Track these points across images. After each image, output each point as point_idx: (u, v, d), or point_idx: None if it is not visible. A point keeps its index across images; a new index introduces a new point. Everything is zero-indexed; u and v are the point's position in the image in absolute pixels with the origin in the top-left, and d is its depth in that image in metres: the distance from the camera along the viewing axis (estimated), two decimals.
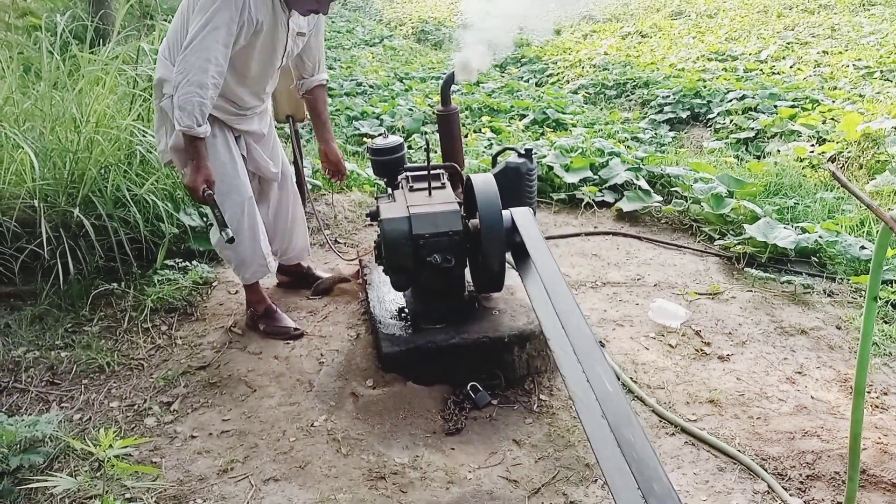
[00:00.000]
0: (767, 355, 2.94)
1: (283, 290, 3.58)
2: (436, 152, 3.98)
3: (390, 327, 2.87)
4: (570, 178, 4.58)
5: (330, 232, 4.30)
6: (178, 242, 3.84)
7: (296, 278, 3.60)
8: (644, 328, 3.15)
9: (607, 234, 4.15)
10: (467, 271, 2.94)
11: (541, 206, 4.58)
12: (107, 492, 2.31)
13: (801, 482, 2.26)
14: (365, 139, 6.74)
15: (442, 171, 3.20)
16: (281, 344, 3.08)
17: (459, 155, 3.41)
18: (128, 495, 2.29)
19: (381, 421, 2.58)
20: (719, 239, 3.94)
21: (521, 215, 2.89)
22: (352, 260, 3.68)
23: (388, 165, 3.25)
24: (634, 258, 3.84)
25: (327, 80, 3.28)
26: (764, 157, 6.37)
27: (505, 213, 2.82)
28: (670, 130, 7.90)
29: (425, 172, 3.12)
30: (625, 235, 4.11)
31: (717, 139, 7.33)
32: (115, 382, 2.92)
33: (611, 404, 2.02)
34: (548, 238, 4.08)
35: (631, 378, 2.79)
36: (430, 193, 2.94)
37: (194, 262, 3.69)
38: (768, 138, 6.91)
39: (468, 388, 2.70)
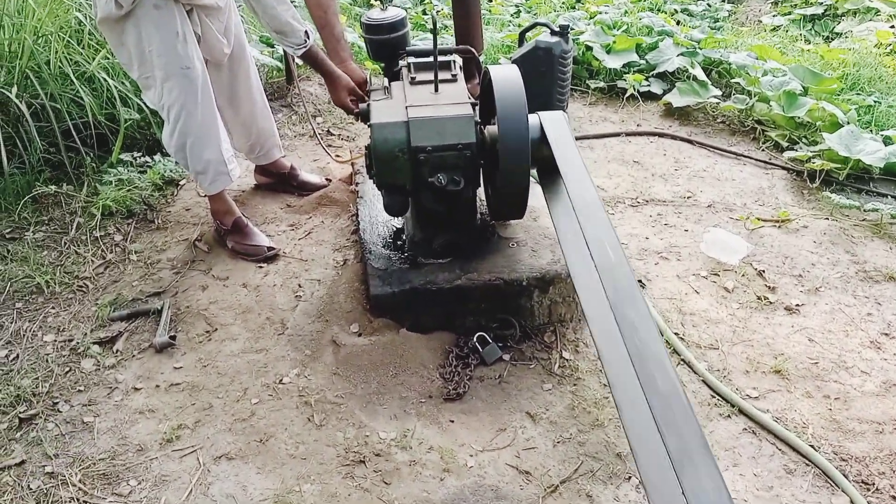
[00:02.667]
0: (847, 308, 2.38)
1: (262, 194, 3.01)
2: (445, 32, 3.23)
3: (382, 259, 2.32)
4: (612, 63, 3.82)
5: (321, 121, 3.65)
6: (138, 130, 3.23)
7: (277, 180, 3.01)
8: (694, 264, 2.58)
9: (653, 134, 3.47)
10: (480, 191, 2.34)
11: (574, 95, 3.86)
12: (25, 461, 1.89)
13: None
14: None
15: (453, 57, 2.51)
16: (252, 267, 2.56)
17: (477, 37, 2.70)
18: (49, 468, 1.86)
19: (366, 379, 2.09)
20: (789, 149, 3.25)
21: (552, 122, 2.24)
22: (345, 161, 3.06)
23: (386, 46, 2.55)
24: (685, 168, 3.19)
25: None
26: (833, 39, 5.47)
27: (532, 118, 2.18)
28: (725, 0, 6.87)
29: (432, 59, 2.45)
30: (673, 137, 3.43)
31: (778, 13, 6.34)
32: (53, 308, 2.44)
33: (651, 372, 1.54)
34: (581, 138, 3.42)
35: (676, 333, 2.26)
36: (436, 89, 2.28)
37: (157, 157, 3.10)
38: (840, 16, 5.93)
39: (475, 338, 2.19)
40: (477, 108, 2.23)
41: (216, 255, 2.64)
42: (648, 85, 3.79)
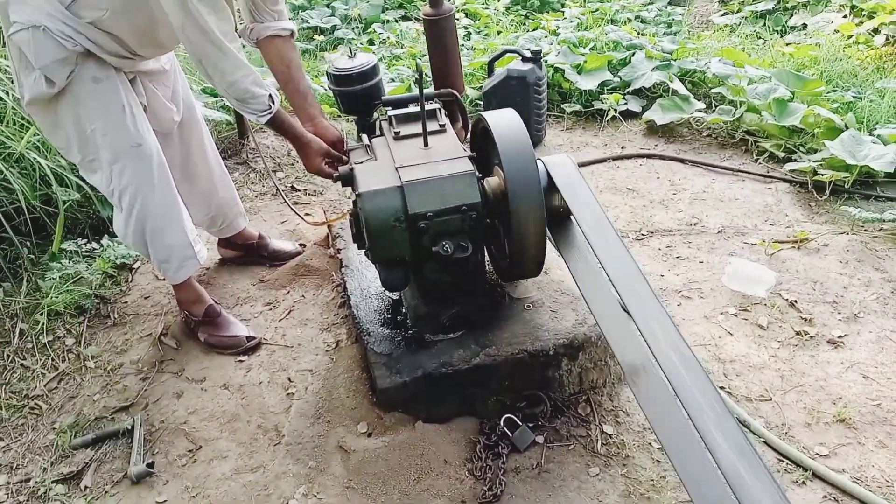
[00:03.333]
0: (893, 334, 2.19)
1: (229, 269, 2.69)
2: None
3: (384, 341, 2.03)
4: (586, 83, 3.62)
5: (283, 176, 3.34)
6: (79, 211, 2.87)
7: (244, 252, 2.70)
8: (720, 300, 2.36)
9: (640, 156, 3.27)
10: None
11: (549, 121, 3.65)
12: None
13: None
14: (316, 37, 5.58)
15: (434, 102, 2.26)
16: (231, 362, 2.23)
17: (458, 76, 2.45)
18: None
19: (385, 490, 1.79)
20: (787, 159, 3.09)
21: (557, 166, 2.01)
22: (319, 223, 2.76)
23: (358, 98, 2.28)
24: (682, 190, 2.99)
25: (294, 32, 2.24)
26: (787, 33, 5.42)
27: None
28: (669, 4, 6.81)
29: (414, 109, 2.18)
30: (662, 158, 3.24)
31: (727, 11, 6.30)
32: (1, 439, 2.07)
33: (714, 438, 1.34)
34: None
35: (722, 387, 2.03)
36: (425, 143, 2.01)
37: (105, 240, 2.75)
38: (790, 9, 5.90)
39: (502, 422, 1.92)
40: (473, 160, 1.97)
41: (187, 351, 2.31)
42: (626, 103, 3.61)
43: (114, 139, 2.00)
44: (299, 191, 3.24)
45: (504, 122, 1.93)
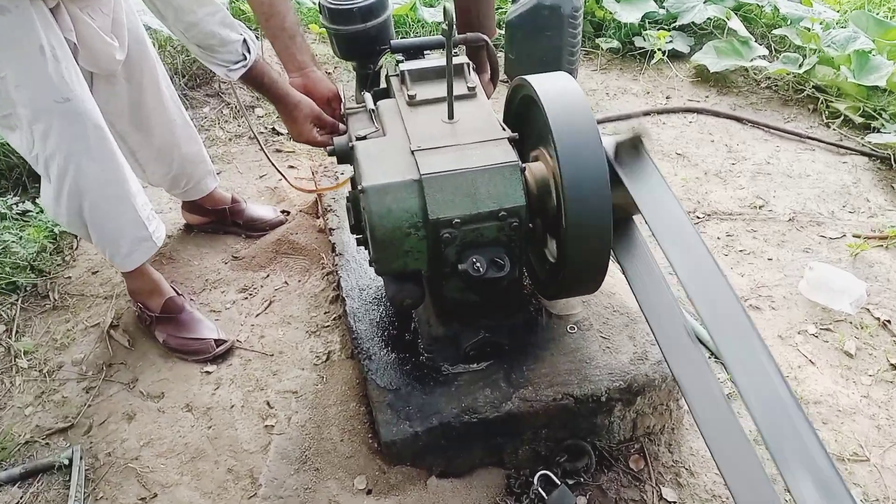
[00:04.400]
0: None
1: (196, 240, 2.21)
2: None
3: (388, 369, 1.59)
4: (627, 15, 3.05)
5: (262, 115, 2.80)
6: (4, 159, 2.34)
7: (214, 218, 2.21)
8: (796, 314, 1.94)
9: (689, 111, 2.76)
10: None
11: (582, 59, 3.10)
12: None
13: None
14: None
15: (458, 52, 1.73)
16: (196, 373, 1.80)
17: (488, 14, 1.90)
18: None
19: None
20: (865, 126, 2.60)
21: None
22: (308, 190, 2.26)
23: (360, 40, 1.75)
24: (742, 160, 2.51)
25: None
26: None
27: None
28: None
29: (434, 61, 1.66)
30: (716, 115, 2.73)
31: None
32: None
33: None
34: (602, 121, 2.69)
35: None
36: (450, 114, 1.51)
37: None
38: None
39: (536, 480, 1.52)
40: (514, 142, 1.48)
41: (142, 353, 1.87)
42: (671, 41, 3.05)
43: (32, 93, 1.48)
44: (282, 134, 2.71)
45: (559, 94, 1.43)
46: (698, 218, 2.26)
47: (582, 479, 1.56)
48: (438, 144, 1.44)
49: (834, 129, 2.63)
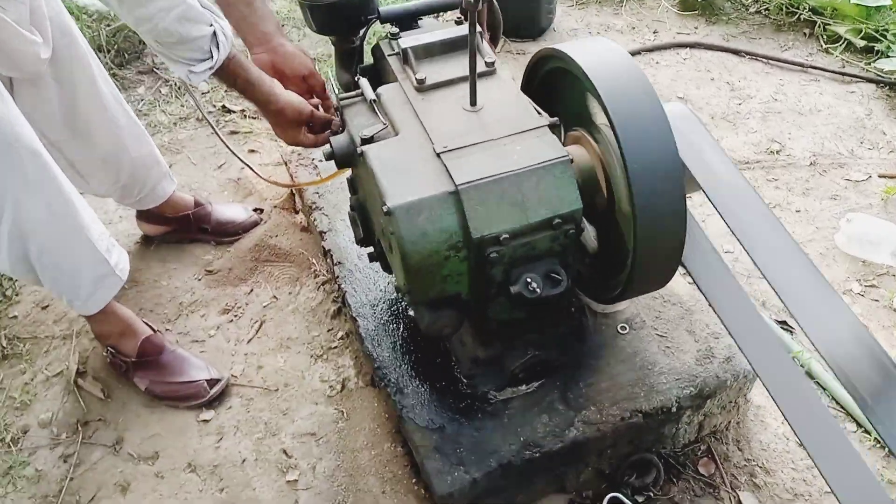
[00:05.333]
0: None
1: (158, 254, 1.90)
2: None
3: (425, 403, 1.37)
4: None
5: (207, 90, 2.43)
6: None
7: (176, 226, 1.90)
8: (837, 271, 1.80)
9: (680, 46, 2.54)
10: None
11: None
12: None
13: None
14: None
15: (459, 17, 1.46)
16: (192, 422, 1.54)
17: None
18: None
19: None
20: (868, 48, 2.43)
21: (678, 119, 1.34)
22: (281, 184, 1.95)
23: (343, 12, 1.44)
24: (747, 98, 2.32)
25: None
26: None
27: None
28: None
29: (438, 33, 1.38)
30: (710, 48, 2.52)
31: None
32: None
33: None
34: None
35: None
36: (473, 100, 1.25)
37: None
38: None
39: None
40: (557, 129, 1.24)
41: (121, 403, 1.59)
42: None
43: None
44: (234, 112, 2.37)
45: (605, 65, 1.18)
46: None
47: (652, 494, 1.41)
48: (467, 142, 1.19)
49: (836, 56, 2.45)
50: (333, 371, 1.60)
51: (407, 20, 1.47)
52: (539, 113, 1.25)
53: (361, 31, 1.48)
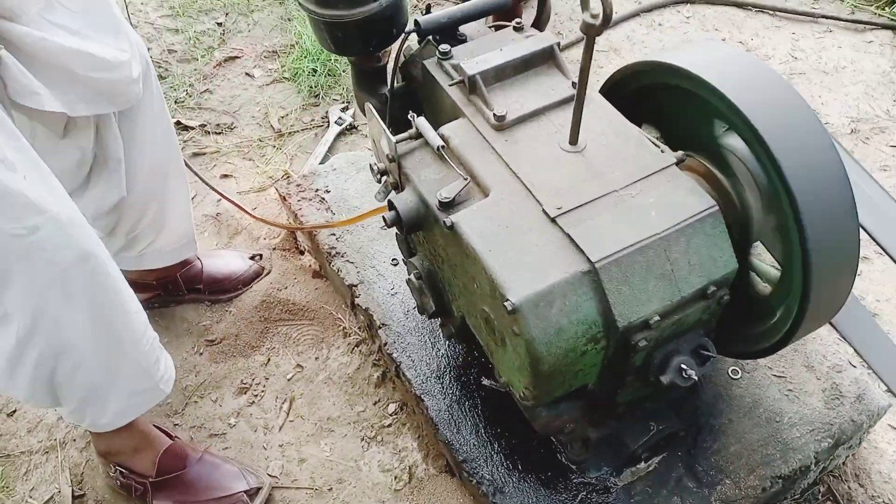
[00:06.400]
0: None
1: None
2: None
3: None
4: None
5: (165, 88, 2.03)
6: None
7: (161, 291, 1.56)
8: None
9: (682, 2, 2.30)
10: None
11: None
12: None
13: None
14: None
15: (529, 30, 1.17)
16: None
17: None
18: None
19: None
20: None
21: None
22: (283, 226, 1.62)
23: (373, 28, 1.12)
24: (765, 57, 2.12)
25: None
26: None
27: None
28: None
29: (507, 51, 1.08)
30: (710, 2, 2.29)
31: None
32: None
33: None
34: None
35: None
36: (574, 138, 0.99)
37: None
38: None
39: None
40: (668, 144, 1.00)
41: None
42: None
43: None
44: (192, 129, 1.98)
45: (737, 77, 0.95)
46: None
47: None
48: (584, 198, 0.94)
49: (846, 3, 2.28)
50: (394, 456, 1.34)
51: (450, 31, 1.17)
52: (657, 146, 1.01)
53: (395, 46, 1.18)
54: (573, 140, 1.00)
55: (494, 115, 1.02)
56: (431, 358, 1.31)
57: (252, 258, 1.62)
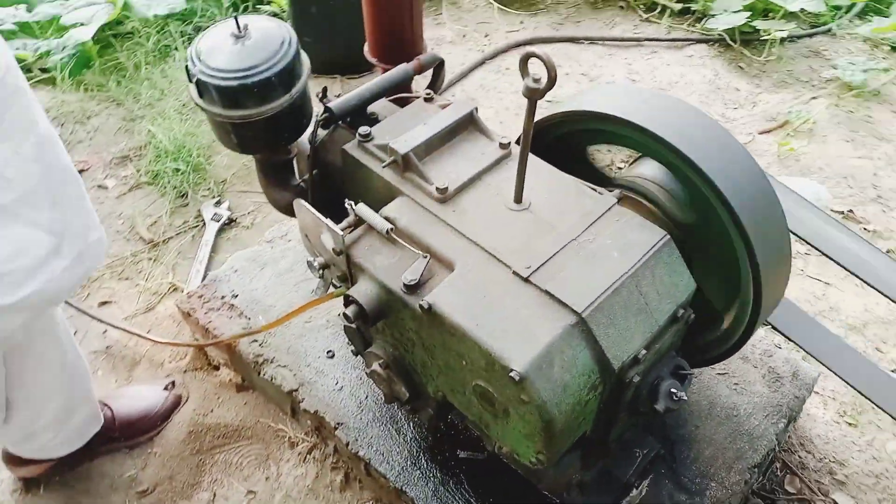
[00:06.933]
0: None
1: (59, 493, 1.35)
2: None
3: None
4: None
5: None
6: None
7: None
8: None
9: (520, 45, 2.44)
10: None
11: None
12: None
13: None
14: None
15: (429, 92, 1.18)
16: None
17: (418, 27, 1.30)
18: None
19: None
20: (685, 10, 2.54)
21: None
22: (198, 345, 1.48)
23: (280, 123, 1.07)
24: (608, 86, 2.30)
25: None
26: None
27: None
28: None
29: (429, 124, 1.08)
30: (545, 41, 2.45)
31: None
32: None
33: None
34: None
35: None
36: (519, 196, 1.00)
37: None
38: None
39: None
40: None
41: None
42: None
43: None
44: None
45: (674, 117, 1.02)
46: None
47: None
48: (548, 252, 0.95)
49: (662, 24, 2.53)
50: None
51: (360, 111, 1.15)
52: (593, 189, 1.04)
53: (305, 135, 1.13)
54: (517, 199, 1.01)
55: (437, 188, 1.01)
56: (401, 446, 1.25)
57: (165, 388, 1.46)
